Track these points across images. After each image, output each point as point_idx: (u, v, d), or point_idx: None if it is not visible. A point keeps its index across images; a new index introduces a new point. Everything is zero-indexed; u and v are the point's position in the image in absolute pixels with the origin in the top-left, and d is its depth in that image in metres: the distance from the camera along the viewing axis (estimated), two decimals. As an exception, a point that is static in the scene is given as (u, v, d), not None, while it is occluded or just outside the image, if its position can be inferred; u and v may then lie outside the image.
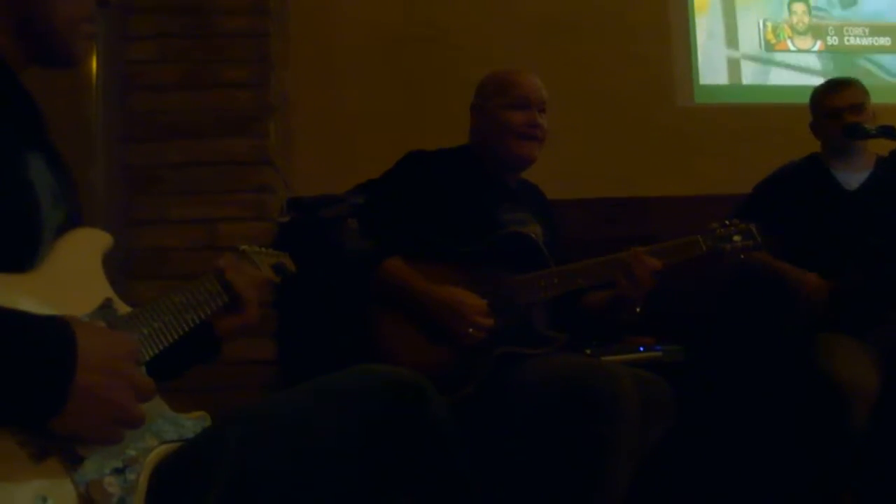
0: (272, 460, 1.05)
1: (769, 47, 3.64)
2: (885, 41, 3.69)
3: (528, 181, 2.38)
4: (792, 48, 3.66)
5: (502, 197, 2.23)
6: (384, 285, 2.00)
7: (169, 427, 1.09)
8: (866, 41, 3.68)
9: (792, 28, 3.66)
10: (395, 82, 3.27)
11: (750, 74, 3.65)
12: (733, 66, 3.64)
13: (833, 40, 3.66)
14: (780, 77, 3.64)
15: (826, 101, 2.72)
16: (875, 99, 2.76)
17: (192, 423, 1.12)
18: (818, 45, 3.66)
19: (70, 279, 1.08)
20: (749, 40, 3.63)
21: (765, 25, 3.64)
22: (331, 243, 2.01)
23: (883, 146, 2.63)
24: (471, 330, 1.96)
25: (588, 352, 2.52)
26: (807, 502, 2.41)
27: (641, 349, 2.59)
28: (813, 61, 3.66)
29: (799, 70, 3.63)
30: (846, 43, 3.68)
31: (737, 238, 2.15)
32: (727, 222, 2.18)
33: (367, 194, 2.17)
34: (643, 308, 2.10)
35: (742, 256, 2.17)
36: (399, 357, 1.93)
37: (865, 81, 2.78)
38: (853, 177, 2.69)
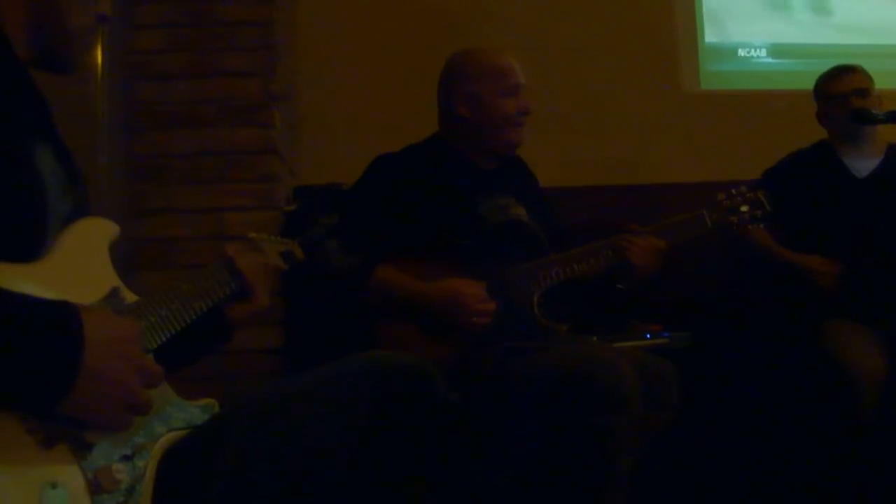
0: (278, 446, 1.05)
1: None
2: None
3: (512, 158, 2.27)
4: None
5: (479, 185, 2.17)
6: (380, 294, 1.99)
7: (177, 414, 1.09)
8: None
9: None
10: (403, 70, 3.26)
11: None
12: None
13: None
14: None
15: (831, 86, 2.71)
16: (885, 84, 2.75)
17: (200, 410, 1.13)
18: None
19: (77, 268, 1.08)
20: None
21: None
22: (317, 266, 1.98)
23: (891, 132, 2.62)
24: (474, 318, 1.96)
25: (595, 339, 2.52)
26: (816, 486, 2.41)
27: (648, 336, 2.58)
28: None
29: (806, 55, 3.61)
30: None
31: (744, 208, 2.09)
32: (734, 191, 2.12)
33: (340, 210, 2.16)
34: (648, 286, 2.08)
35: (749, 227, 2.13)
36: None
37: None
38: (863, 164, 2.68)
